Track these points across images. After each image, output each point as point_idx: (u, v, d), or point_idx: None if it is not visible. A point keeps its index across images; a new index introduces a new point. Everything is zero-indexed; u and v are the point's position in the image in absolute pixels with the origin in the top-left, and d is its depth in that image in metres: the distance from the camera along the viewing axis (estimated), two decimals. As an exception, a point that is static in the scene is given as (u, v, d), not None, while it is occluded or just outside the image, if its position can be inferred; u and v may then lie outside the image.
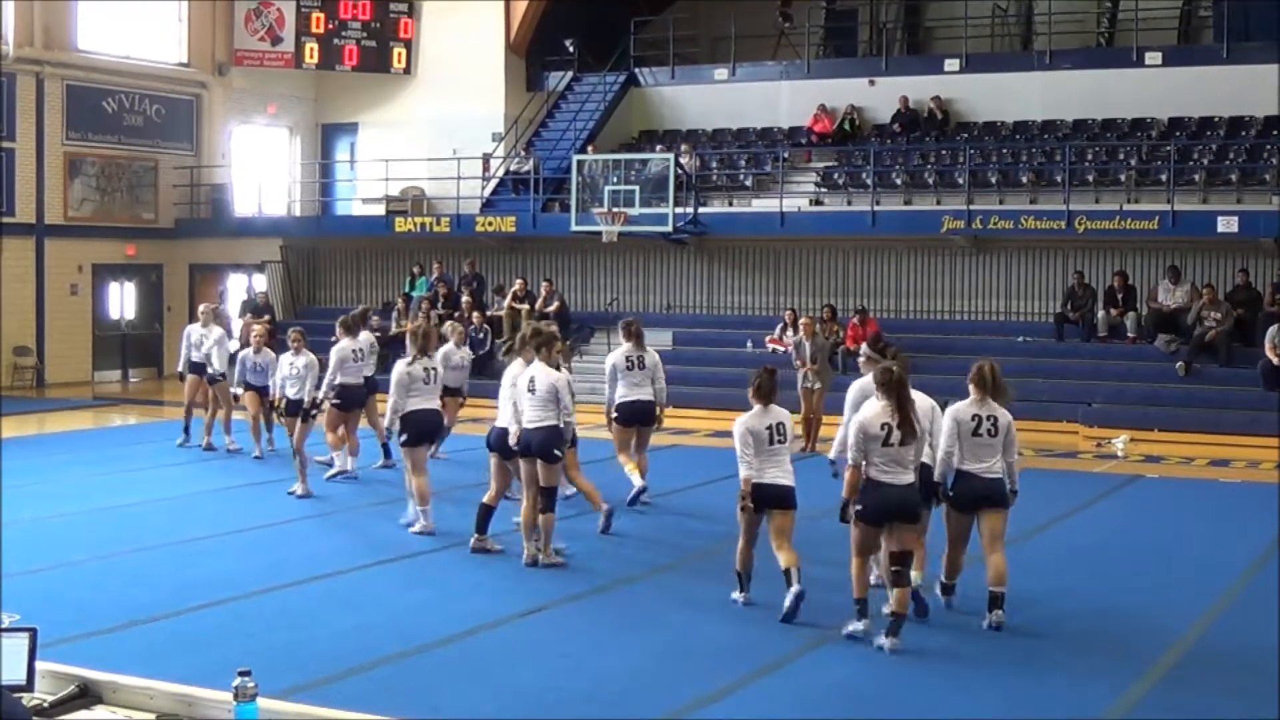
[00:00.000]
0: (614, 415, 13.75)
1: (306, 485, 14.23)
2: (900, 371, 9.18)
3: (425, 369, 12.46)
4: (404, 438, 12.42)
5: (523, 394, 11.07)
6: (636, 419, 13.77)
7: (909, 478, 9.03)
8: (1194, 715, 7.84)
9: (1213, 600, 10.45)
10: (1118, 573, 11.44)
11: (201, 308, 18.85)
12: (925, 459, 9.47)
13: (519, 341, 11.75)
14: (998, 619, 9.40)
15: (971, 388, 9.53)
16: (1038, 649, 9.10)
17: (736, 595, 10.03)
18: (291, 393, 14.52)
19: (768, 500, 9.62)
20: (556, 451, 11.07)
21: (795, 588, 9.43)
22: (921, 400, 9.61)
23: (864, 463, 8.94)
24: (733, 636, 9.29)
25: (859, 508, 9.02)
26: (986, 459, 9.43)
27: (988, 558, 9.50)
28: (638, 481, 13.61)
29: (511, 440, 11.24)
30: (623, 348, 13.93)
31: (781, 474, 9.66)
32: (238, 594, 10.29)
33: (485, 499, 11.70)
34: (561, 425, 11.07)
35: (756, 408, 9.70)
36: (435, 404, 12.66)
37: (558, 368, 11.39)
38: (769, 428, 9.61)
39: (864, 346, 13.26)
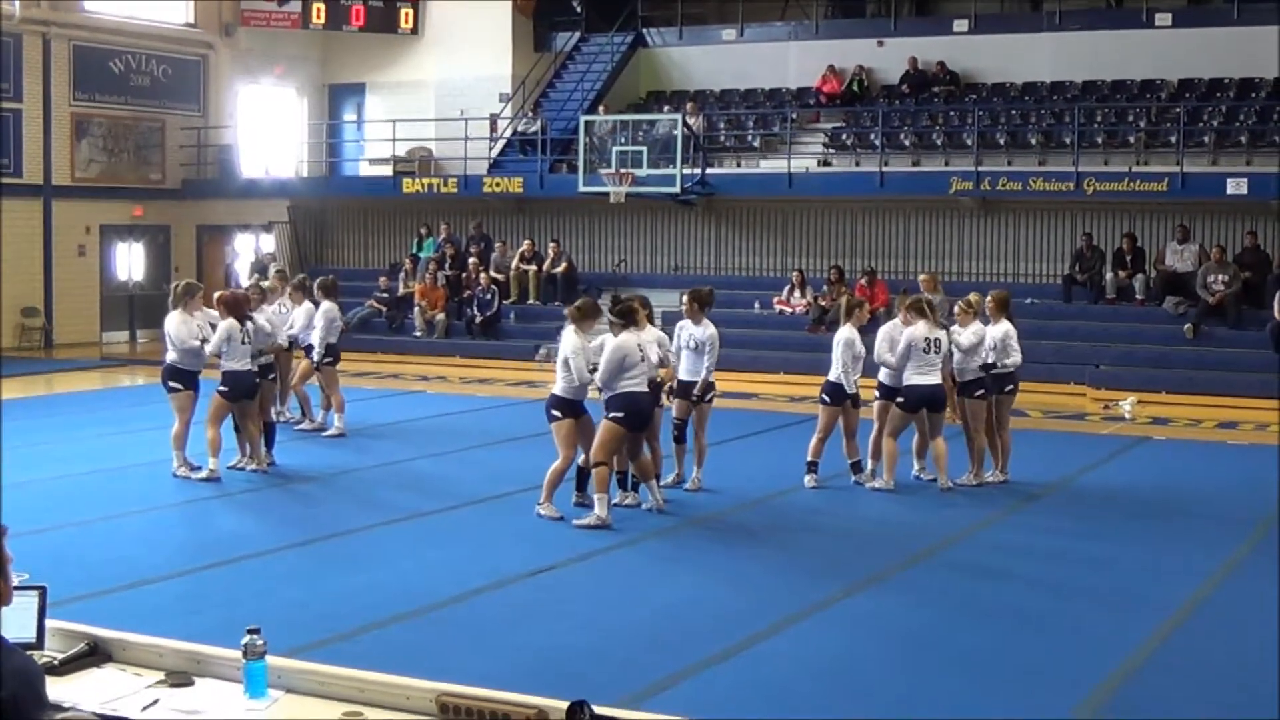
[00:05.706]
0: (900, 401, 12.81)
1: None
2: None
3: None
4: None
5: None
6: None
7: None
8: (1196, 679, 7.86)
9: (1219, 563, 10.46)
10: (1124, 534, 11.45)
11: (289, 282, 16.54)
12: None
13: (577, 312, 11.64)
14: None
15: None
16: (1042, 612, 9.15)
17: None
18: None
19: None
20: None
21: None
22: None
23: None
24: (739, 598, 9.32)
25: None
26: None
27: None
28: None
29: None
30: (920, 326, 12.65)
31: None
32: (246, 553, 10.35)
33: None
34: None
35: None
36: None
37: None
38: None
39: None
